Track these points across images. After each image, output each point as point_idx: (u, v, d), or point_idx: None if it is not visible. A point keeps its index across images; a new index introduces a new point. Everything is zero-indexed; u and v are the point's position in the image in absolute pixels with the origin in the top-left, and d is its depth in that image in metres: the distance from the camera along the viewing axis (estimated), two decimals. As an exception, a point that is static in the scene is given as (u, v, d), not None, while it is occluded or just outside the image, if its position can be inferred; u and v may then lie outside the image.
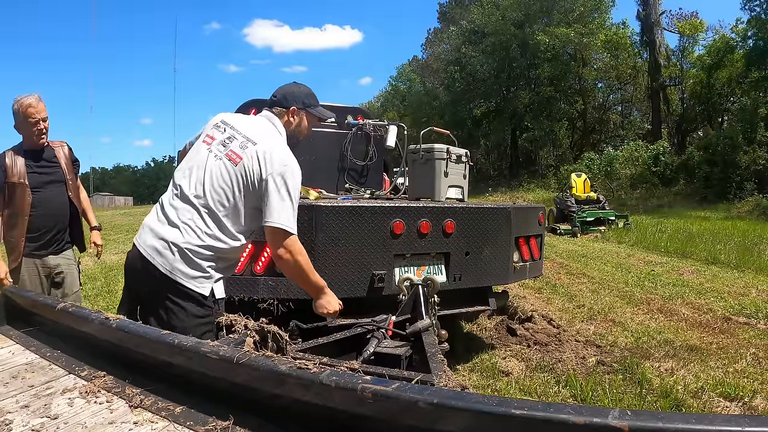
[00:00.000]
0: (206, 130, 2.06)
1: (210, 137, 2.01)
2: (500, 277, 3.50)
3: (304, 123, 2.14)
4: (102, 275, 7.61)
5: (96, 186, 75.33)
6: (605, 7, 29.04)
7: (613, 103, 32.50)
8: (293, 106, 2.08)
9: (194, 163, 1.97)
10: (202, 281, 1.90)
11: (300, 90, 2.15)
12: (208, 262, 1.90)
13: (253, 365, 1.02)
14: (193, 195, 1.90)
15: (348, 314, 2.95)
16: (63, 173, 3.04)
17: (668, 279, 6.99)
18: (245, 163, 1.89)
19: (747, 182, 18.68)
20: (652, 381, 3.35)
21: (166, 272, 1.86)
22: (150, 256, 1.89)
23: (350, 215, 2.87)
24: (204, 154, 1.97)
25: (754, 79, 22.70)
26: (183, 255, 1.87)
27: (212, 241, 1.89)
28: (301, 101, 2.11)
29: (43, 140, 2.93)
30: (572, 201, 13.06)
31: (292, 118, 2.09)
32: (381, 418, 0.88)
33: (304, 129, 2.15)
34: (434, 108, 34.73)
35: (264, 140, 1.96)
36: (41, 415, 1.06)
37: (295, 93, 2.12)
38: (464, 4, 37.37)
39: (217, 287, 1.95)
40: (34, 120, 2.83)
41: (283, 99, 2.10)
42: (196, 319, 1.87)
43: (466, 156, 3.98)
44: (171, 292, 1.87)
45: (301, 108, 2.11)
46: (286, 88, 2.15)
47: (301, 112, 2.11)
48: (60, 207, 3.03)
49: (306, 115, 2.13)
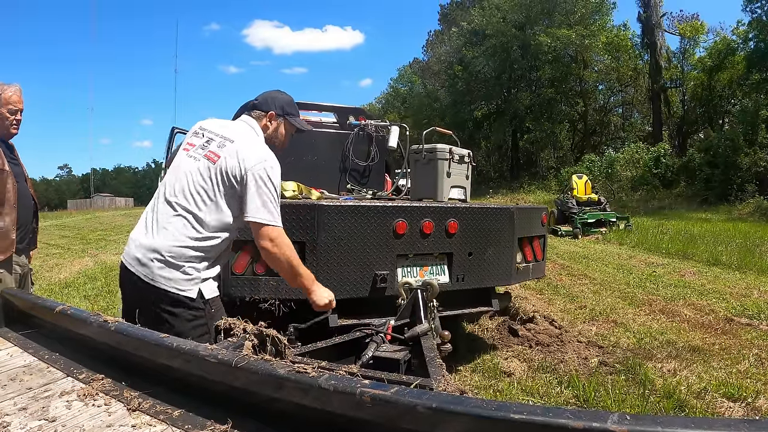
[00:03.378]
0: (186, 139, 2.08)
1: (190, 144, 2.03)
2: (503, 277, 3.49)
3: (281, 130, 2.13)
4: (102, 275, 7.62)
5: (96, 187, 75.56)
6: (606, 9, 29.04)
7: (614, 105, 32.50)
8: (272, 111, 2.08)
9: (174, 170, 1.99)
10: (186, 284, 1.88)
11: (281, 97, 2.15)
12: (190, 264, 1.88)
13: (252, 369, 1.01)
14: (173, 200, 1.91)
15: (351, 314, 2.95)
16: (24, 169, 2.96)
17: (670, 280, 6.97)
18: (224, 161, 1.90)
19: (748, 184, 18.65)
20: (655, 382, 3.34)
21: (149, 281, 1.86)
22: (133, 267, 1.90)
23: (353, 215, 2.87)
24: (183, 160, 1.98)
25: (755, 81, 22.69)
26: (164, 261, 1.86)
27: (194, 242, 1.88)
28: (280, 107, 2.10)
29: (17, 132, 2.84)
30: (573, 203, 13.05)
31: (270, 123, 2.09)
32: (379, 422, 0.88)
33: (280, 136, 2.13)
34: (435, 110, 34.76)
35: (242, 138, 1.97)
36: (39, 418, 1.06)
37: (276, 99, 2.12)
38: (465, 5, 37.44)
39: (206, 287, 1.93)
40: (15, 109, 2.75)
41: (263, 102, 2.10)
42: (188, 323, 1.86)
43: (469, 156, 3.97)
44: (158, 301, 1.87)
45: (280, 114, 2.10)
46: (268, 93, 2.16)
47: (279, 118, 2.11)
48: (30, 202, 2.95)
49: (284, 123, 2.13)
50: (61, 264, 9.03)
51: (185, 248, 1.87)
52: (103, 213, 34.12)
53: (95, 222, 22.66)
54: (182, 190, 1.91)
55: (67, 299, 5.83)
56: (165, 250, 1.85)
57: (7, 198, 2.74)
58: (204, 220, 1.89)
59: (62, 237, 15.36)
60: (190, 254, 1.87)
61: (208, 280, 1.94)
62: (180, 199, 1.90)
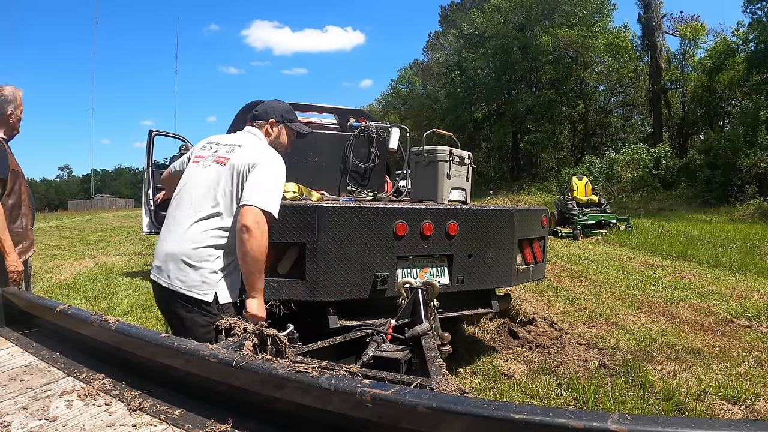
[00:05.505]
0: (193, 153, 2.18)
1: (198, 157, 2.12)
2: (503, 279, 3.49)
3: (282, 136, 2.26)
4: (103, 276, 7.62)
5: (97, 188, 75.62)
6: (606, 10, 29.06)
7: (615, 107, 32.53)
8: (272, 119, 2.22)
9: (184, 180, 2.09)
10: (202, 287, 1.91)
11: (280, 105, 2.29)
12: (206, 264, 1.91)
13: (252, 369, 1.01)
14: (188, 205, 1.98)
15: (351, 316, 2.95)
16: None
17: (670, 282, 6.97)
18: (233, 161, 1.99)
19: (748, 185, 18.67)
20: (655, 384, 3.33)
21: (167, 285, 1.93)
22: (155, 276, 1.99)
23: (353, 216, 2.87)
24: (193, 170, 2.08)
25: (755, 83, 22.72)
26: (179, 264, 1.91)
27: (210, 240, 1.92)
28: (280, 115, 2.24)
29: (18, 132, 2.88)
30: (573, 204, 13.06)
31: (271, 130, 2.22)
32: (380, 422, 0.88)
33: (282, 141, 2.27)
34: (435, 111, 34.79)
35: (248, 142, 2.11)
36: (39, 417, 1.06)
37: (275, 108, 2.26)
38: (465, 7, 37.47)
39: (222, 292, 1.94)
40: (21, 109, 2.81)
41: (263, 113, 2.24)
42: (201, 328, 1.88)
43: (469, 158, 3.97)
44: (176, 304, 1.93)
45: (280, 121, 2.24)
46: (266, 103, 2.29)
47: (279, 125, 2.24)
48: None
49: (285, 128, 2.26)
50: (62, 265, 9.04)
51: (202, 249, 1.91)
52: (103, 214, 34.16)
53: (96, 223, 22.68)
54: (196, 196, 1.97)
55: (67, 300, 5.83)
56: (183, 254, 1.90)
57: (23, 199, 2.79)
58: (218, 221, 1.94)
59: (63, 238, 15.36)
60: (206, 254, 1.91)
61: (224, 284, 1.95)
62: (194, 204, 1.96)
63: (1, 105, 2.75)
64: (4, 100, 2.75)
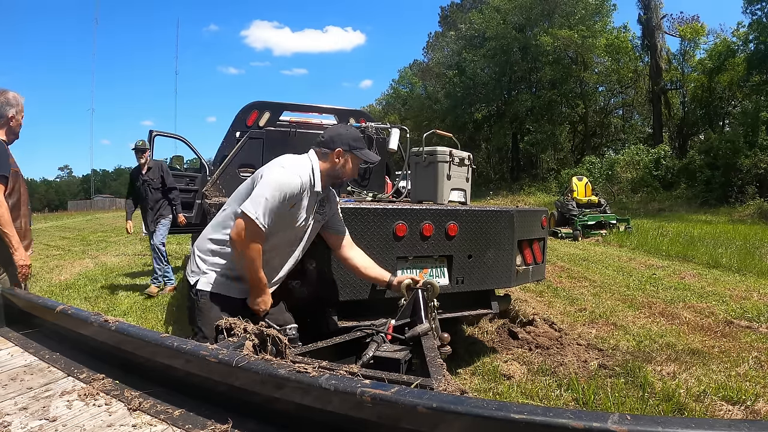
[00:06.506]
0: None
1: None
2: (503, 280, 3.49)
3: (348, 165, 2.29)
4: (103, 277, 7.62)
5: (97, 188, 75.58)
6: (606, 11, 29.09)
7: (615, 107, 32.55)
8: (339, 148, 2.23)
9: None
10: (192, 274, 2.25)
11: (348, 133, 2.30)
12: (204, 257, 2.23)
13: (252, 369, 1.01)
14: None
15: (351, 317, 2.95)
16: None
17: (670, 282, 6.97)
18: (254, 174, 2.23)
19: (748, 186, 18.67)
20: (654, 384, 3.33)
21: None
22: None
23: (353, 217, 2.86)
24: None
25: (755, 83, 22.74)
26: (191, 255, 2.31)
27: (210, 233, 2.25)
28: (347, 143, 2.25)
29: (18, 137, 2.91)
30: (573, 204, 13.06)
31: (337, 159, 2.25)
32: (380, 422, 0.88)
33: (348, 170, 2.30)
34: (435, 111, 34.81)
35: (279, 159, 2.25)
36: (39, 417, 1.06)
37: (342, 135, 2.27)
38: (465, 7, 37.49)
39: (203, 280, 2.19)
40: (22, 115, 2.85)
41: (330, 141, 2.25)
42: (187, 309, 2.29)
43: (469, 159, 3.97)
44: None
45: (347, 150, 2.25)
46: (334, 129, 2.33)
47: (346, 154, 2.26)
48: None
49: (351, 157, 2.28)
50: (62, 265, 9.03)
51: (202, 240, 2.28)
52: (103, 214, 34.16)
53: (96, 223, 22.67)
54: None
55: (67, 301, 5.82)
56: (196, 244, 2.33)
57: (23, 200, 2.82)
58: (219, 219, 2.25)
59: (63, 238, 15.37)
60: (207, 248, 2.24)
61: (208, 275, 2.19)
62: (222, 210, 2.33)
63: (4, 107, 2.79)
64: (7, 103, 2.79)
